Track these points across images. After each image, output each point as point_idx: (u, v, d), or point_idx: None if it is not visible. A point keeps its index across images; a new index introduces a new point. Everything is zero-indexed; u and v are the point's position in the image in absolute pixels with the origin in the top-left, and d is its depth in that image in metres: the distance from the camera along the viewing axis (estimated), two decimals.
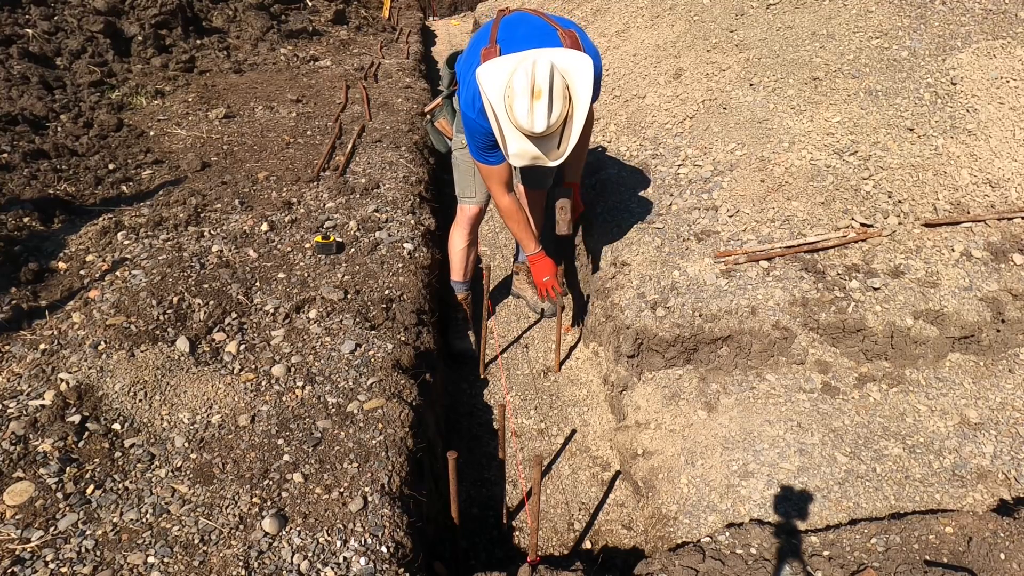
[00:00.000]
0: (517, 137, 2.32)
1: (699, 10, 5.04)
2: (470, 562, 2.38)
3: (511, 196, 2.80)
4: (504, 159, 2.56)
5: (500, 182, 2.73)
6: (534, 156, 2.37)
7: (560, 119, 2.28)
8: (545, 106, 2.21)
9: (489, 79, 2.32)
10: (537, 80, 2.19)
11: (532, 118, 2.22)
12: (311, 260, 2.95)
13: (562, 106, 2.26)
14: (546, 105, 2.21)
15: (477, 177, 2.99)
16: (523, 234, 2.89)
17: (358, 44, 6.49)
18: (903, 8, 3.96)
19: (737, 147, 3.56)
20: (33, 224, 3.00)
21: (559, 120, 2.28)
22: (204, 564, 1.70)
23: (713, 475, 2.36)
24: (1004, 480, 2.26)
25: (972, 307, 2.67)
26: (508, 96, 2.26)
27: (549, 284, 2.98)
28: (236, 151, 3.96)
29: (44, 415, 2.04)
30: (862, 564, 1.87)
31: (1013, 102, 3.22)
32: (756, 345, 2.70)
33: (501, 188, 2.76)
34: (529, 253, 2.96)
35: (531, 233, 2.90)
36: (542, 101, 2.20)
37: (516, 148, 2.35)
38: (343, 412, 2.20)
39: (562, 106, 2.26)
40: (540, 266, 2.98)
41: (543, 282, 2.99)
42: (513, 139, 2.33)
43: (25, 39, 4.85)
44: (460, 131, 2.93)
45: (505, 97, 2.28)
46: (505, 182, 2.74)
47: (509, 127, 2.31)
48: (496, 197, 2.80)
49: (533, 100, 2.20)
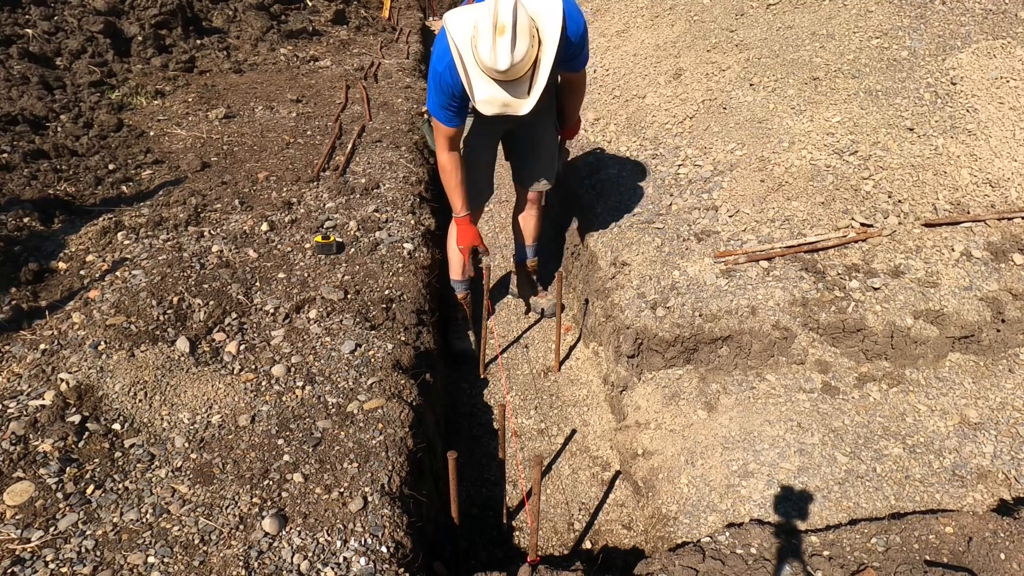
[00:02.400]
0: (484, 82, 2.30)
1: (699, 10, 5.04)
2: (470, 562, 2.38)
3: (451, 154, 2.76)
4: (457, 124, 2.57)
5: (446, 138, 2.69)
6: (503, 103, 2.33)
7: (526, 59, 2.24)
8: (508, 41, 2.16)
9: (456, 23, 2.30)
10: (500, 16, 2.15)
11: (495, 55, 2.18)
12: (311, 260, 2.95)
13: (528, 44, 2.21)
14: (509, 40, 2.16)
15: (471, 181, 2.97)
16: (454, 193, 2.84)
17: (358, 44, 6.49)
18: (903, 8, 3.96)
19: (737, 147, 3.56)
20: (33, 224, 3.00)
21: (525, 60, 2.24)
22: (204, 564, 1.70)
23: (713, 475, 2.36)
24: (1004, 480, 2.26)
25: (972, 307, 2.67)
26: (474, 37, 2.24)
27: (465, 252, 2.98)
28: (236, 151, 3.96)
29: (44, 415, 2.04)
30: (862, 564, 1.87)
31: (1013, 102, 3.22)
32: (756, 345, 2.70)
33: (445, 143, 2.71)
34: (455, 215, 2.92)
35: (461, 193, 2.84)
36: (505, 37, 2.16)
37: (484, 94, 2.32)
38: (343, 412, 2.20)
39: (528, 44, 2.21)
40: (462, 230, 2.95)
41: (460, 248, 2.99)
42: (480, 84, 2.31)
43: (25, 39, 4.85)
44: None
45: (471, 39, 2.26)
46: (450, 139, 2.70)
47: (476, 71, 2.29)
48: (438, 150, 2.76)
49: (496, 36, 2.16)
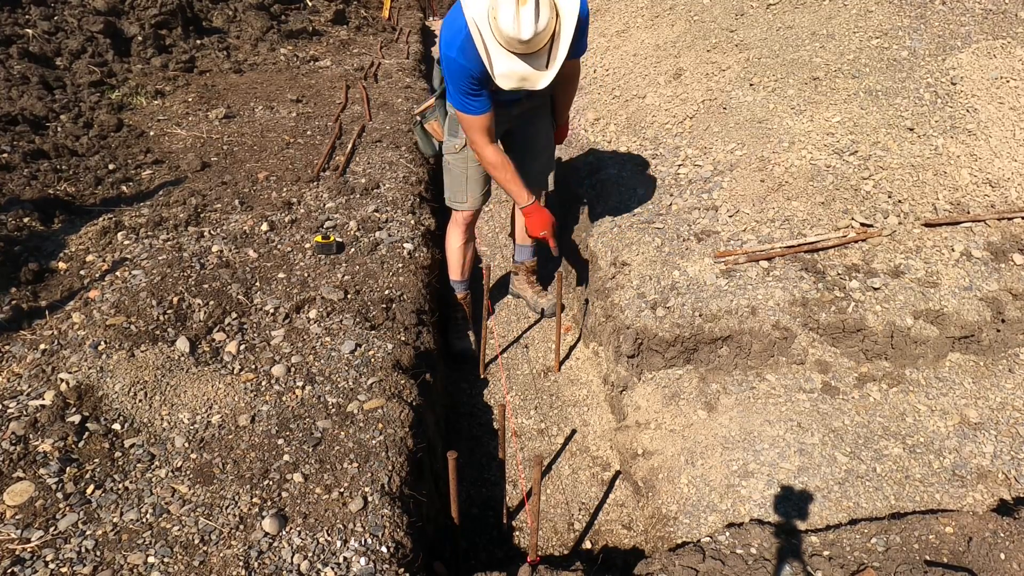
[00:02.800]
0: (504, 56, 2.30)
1: (699, 10, 5.04)
2: (470, 562, 2.38)
3: (495, 146, 2.67)
4: (487, 107, 2.53)
5: (483, 131, 2.59)
6: (522, 76, 2.33)
7: (548, 29, 2.25)
8: (532, 10, 2.17)
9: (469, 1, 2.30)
10: None
11: (519, 24, 2.18)
12: (311, 260, 2.95)
13: (549, 15, 2.23)
14: (532, 10, 2.17)
15: (469, 183, 2.96)
16: (513, 186, 2.72)
17: (358, 44, 6.49)
18: (903, 8, 3.96)
19: (737, 147, 3.56)
20: (33, 224, 3.00)
21: (547, 30, 2.25)
22: (204, 564, 1.70)
23: (713, 475, 2.36)
24: (1004, 480, 2.26)
25: (972, 307, 2.67)
26: (492, 9, 2.24)
27: (547, 236, 2.80)
28: (236, 151, 3.96)
29: (44, 415, 2.04)
30: (862, 564, 1.87)
31: (1013, 102, 3.22)
32: (756, 345, 2.70)
33: (484, 138, 2.61)
34: (522, 205, 2.77)
35: (521, 184, 2.72)
36: (528, 6, 2.17)
37: (504, 68, 2.31)
38: (343, 412, 2.20)
39: (549, 15, 2.23)
40: (535, 218, 2.78)
41: (540, 235, 2.81)
42: (500, 58, 2.30)
43: (25, 39, 4.85)
44: (453, 134, 2.89)
45: (489, 11, 2.26)
46: (487, 130, 2.60)
47: (495, 45, 2.29)
48: (479, 148, 2.66)
49: (519, 6, 2.17)
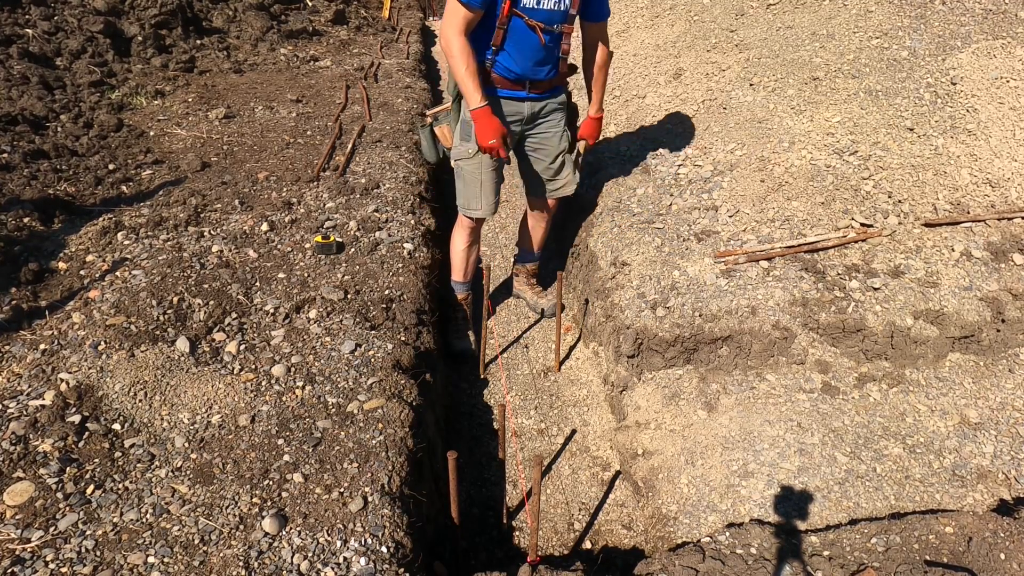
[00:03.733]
0: None
1: (699, 10, 5.04)
2: (470, 562, 2.38)
3: (464, 38, 2.57)
4: (479, 4, 2.49)
5: (464, 20, 2.54)
6: None
7: None
8: None
9: None
10: None
11: None
12: (311, 260, 2.95)
13: None
14: None
15: (484, 188, 2.94)
16: (467, 80, 2.59)
17: (358, 44, 6.49)
18: (903, 8, 3.96)
19: (737, 147, 3.56)
20: (33, 224, 3.00)
21: None
22: (204, 564, 1.70)
23: (713, 475, 2.35)
24: (1004, 480, 2.26)
25: (972, 307, 2.67)
26: None
27: (494, 147, 2.68)
28: (236, 151, 3.96)
29: (44, 415, 2.04)
30: (862, 564, 1.87)
31: (1013, 102, 3.22)
32: (756, 345, 2.70)
33: (461, 25, 2.55)
34: (472, 107, 2.64)
35: (476, 82, 2.61)
36: None
37: None
38: (343, 412, 2.20)
39: None
40: (484, 124, 2.64)
41: (489, 144, 2.68)
42: None
43: (25, 39, 4.85)
44: (465, 139, 2.86)
45: None
46: (469, 22, 2.55)
47: None
48: (450, 33, 2.56)
49: None
